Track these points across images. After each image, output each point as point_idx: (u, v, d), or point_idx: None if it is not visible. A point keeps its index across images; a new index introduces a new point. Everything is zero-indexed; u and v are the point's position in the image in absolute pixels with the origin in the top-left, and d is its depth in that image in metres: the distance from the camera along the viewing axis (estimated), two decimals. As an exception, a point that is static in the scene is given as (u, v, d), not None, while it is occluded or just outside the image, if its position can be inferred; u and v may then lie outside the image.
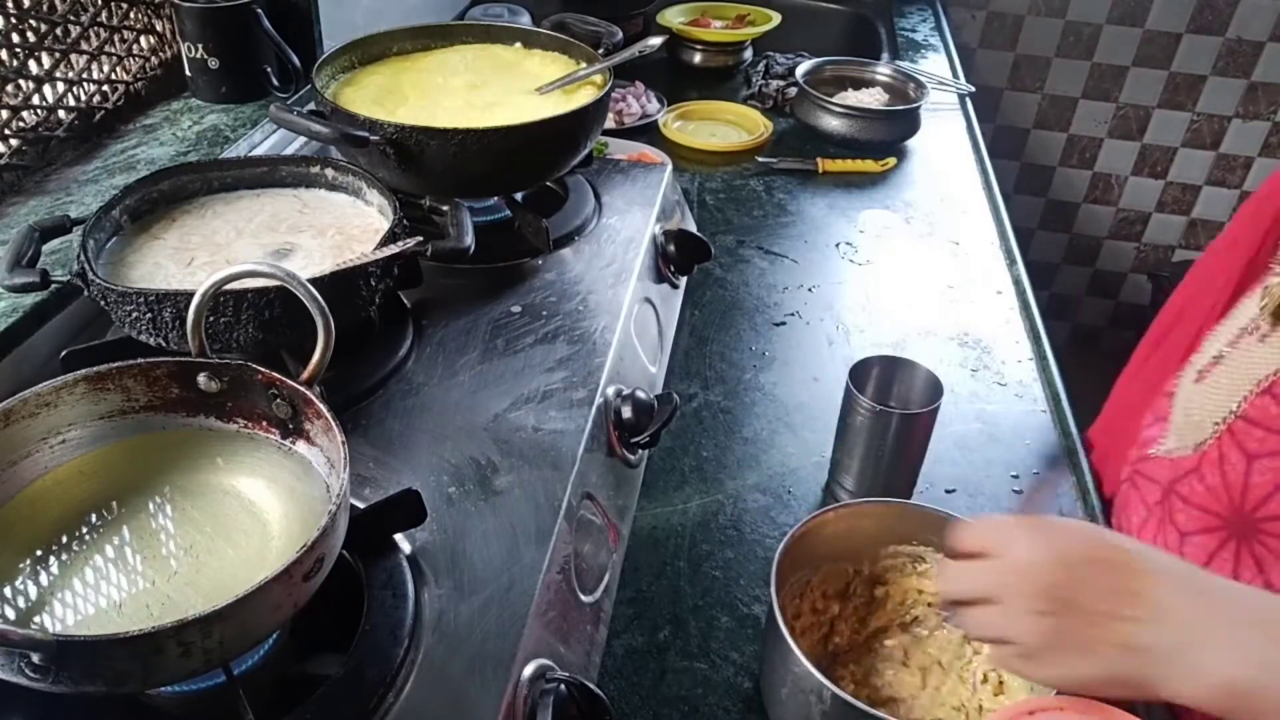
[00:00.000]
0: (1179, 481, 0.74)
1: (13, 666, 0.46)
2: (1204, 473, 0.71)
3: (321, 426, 0.60)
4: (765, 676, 0.68)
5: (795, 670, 0.61)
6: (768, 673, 0.67)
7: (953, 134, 1.57)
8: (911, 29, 1.95)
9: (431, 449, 0.73)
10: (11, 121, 0.98)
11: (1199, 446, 0.73)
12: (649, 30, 1.76)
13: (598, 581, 0.73)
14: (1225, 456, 0.70)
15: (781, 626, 0.62)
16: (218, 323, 0.69)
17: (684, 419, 0.95)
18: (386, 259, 0.75)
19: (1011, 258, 1.24)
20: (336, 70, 1.01)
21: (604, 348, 0.84)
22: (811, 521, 0.69)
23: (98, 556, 0.57)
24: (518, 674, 0.58)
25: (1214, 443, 0.71)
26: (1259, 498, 0.67)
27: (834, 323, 1.11)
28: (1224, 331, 0.77)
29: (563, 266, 0.95)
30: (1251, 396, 0.69)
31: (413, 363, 0.82)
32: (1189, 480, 0.73)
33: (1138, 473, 0.82)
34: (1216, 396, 0.73)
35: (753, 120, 1.53)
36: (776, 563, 0.66)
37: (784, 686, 0.63)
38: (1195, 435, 0.74)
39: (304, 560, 0.50)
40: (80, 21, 1.06)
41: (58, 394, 0.60)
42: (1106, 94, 2.23)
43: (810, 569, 0.72)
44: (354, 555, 0.62)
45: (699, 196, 1.35)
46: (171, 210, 0.84)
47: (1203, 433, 0.73)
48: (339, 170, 0.88)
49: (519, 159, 0.91)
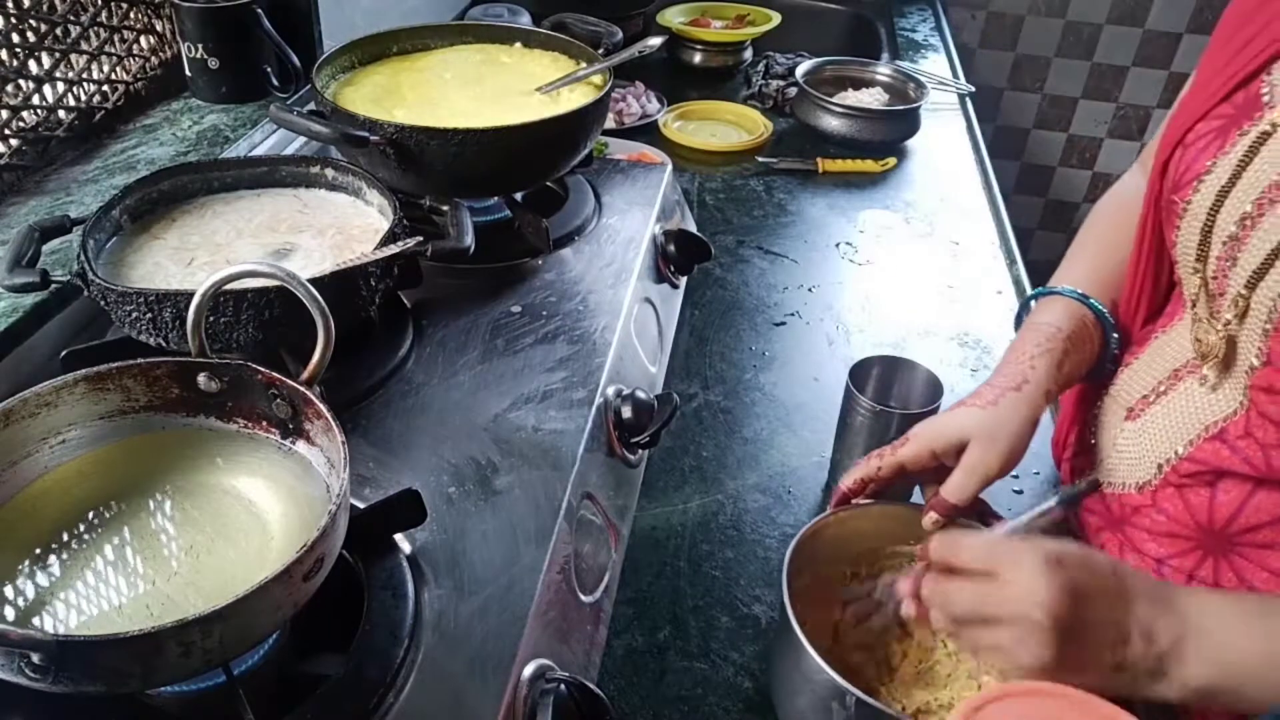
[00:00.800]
0: (1135, 515, 0.73)
1: (13, 666, 0.46)
2: (1162, 506, 0.71)
3: (321, 426, 0.60)
4: (779, 682, 0.68)
5: (816, 678, 0.61)
6: (781, 678, 0.67)
7: (953, 134, 1.56)
8: (911, 29, 1.95)
9: (431, 449, 0.73)
10: (11, 121, 0.98)
11: (1141, 487, 0.72)
12: (649, 30, 1.77)
13: (598, 581, 0.73)
14: (1182, 488, 0.69)
15: (797, 631, 0.61)
16: (218, 323, 0.69)
17: (684, 419, 0.95)
18: (386, 259, 0.75)
19: (1011, 258, 1.24)
20: (336, 70, 1.01)
21: (604, 348, 0.84)
22: (817, 524, 0.69)
23: (98, 556, 0.57)
24: (518, 674, 0.58)
25: (1160, 480, 0.71)
26: (1227, 515, 0.67)
27: (834, 323, 1.11)
28: (1147, 366, 0.75)
29: (563, 266, 0.95)
30: (1199, 441, 0.68)
31: (413, 363, 0.82)
32: (1147, 514, 0.72)
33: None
34: (1155, 437, 0.72)
35: (753, 120, 1.53)
36: (786, 567, 0.65)
37: (801, 694, 0.63)
38: (1133, 474, 0.73)
39: (304, 560, 0.50)
40: (80, 21, 1.06)
41: (58, 394, 0.60)
42: (1106, 94, 2.23)
43: (810, 573, 0.72)
44: (354, 555, 0.62)
45: (699, 196, 1.35)
46: (171, 210, 0.84)
47: (1144, 472, 0.72)
48: (339, 170, 0.88)
49: (519, 159, 0.91)
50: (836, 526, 0.71)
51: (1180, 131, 0.69)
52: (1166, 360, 0.73)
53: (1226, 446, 0.66)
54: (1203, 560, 0.69)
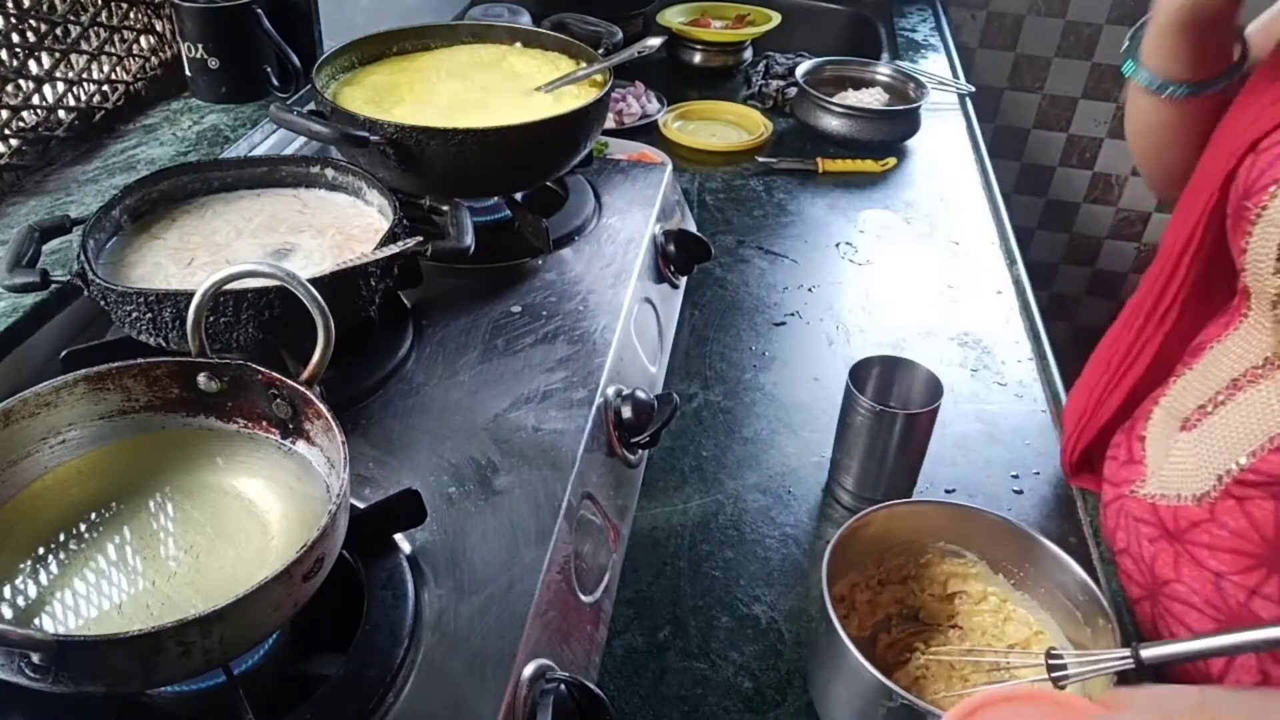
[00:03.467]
0: (1193, 530, 0.72)
1: (13, 666, 0.46)
2: (1223, 520, 0.69)
3: (321, 426, 0.60)
4: (821, 685, 0.68)
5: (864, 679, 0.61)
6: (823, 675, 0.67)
7: (953, 134, 1.57)
8: (911, 29, 1.95)
9: (431, 449, 0.73)
10: (11, 121, 0.98)
11: (1200, 499, 0.71)
12: (649, 30, 1.76)
13: (598, 581, 0.73)
14: (1244, 500, 0.68)
15: (840, 631, 0.62)
16: (218, 323, 0.69)
17: (684, 419, 0.95)
18: (386, 259, 0.75)
19: (1011, 258, 1.24)
20: (336, 70, 1.01)
21: (604, 348, 0.84)
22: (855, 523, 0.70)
23: (98, 556, 0.57)
24: (518, 674, 0.58)
25: (1221, 491, 0.69)
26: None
27: (834, 323, 1.11)
28: (1202, 377, 0.74)
29: (563, 266, 0.95)
30: (1263, 452, 0.66)
31: (413, 363, 0.82)
32: (1207, 528, 0.71)
33: (1125, 511, 0.80)
34: (1214, 447, 0.70)
35: (753, 120, 1.53)
36: (826, 568, 0.66)
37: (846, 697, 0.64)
38: (1191, 486, 0.72)
39: (304, 560, 0.50)
40: (80, 21, 1.06)
41: (58, 394, 0.60)
42: (1106, 94, 2.23)
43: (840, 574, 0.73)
44: (354, 555, 0.62)
45: (699, 196, 1.35)
46: (171, 210, 0.84)
47: (1202, 484, 0.71)
48: (339, 170, 0.88)
49: (519, 159, 0.91)
50: (867, 528, 0.72)
51: (1249, 140, 0.68)
52: (1224, 370, 0.72)
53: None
54: (1267, 577, 0.68)
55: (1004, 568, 0.73)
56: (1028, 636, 0.72)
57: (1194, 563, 0.72)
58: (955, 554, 0.75)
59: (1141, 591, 0.78)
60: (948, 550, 0.75)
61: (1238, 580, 0.69)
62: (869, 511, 0.71)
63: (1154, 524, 0.76)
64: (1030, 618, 0.72)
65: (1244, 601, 0.69)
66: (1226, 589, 0.70)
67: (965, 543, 0.74)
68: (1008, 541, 0.72)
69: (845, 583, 0.73)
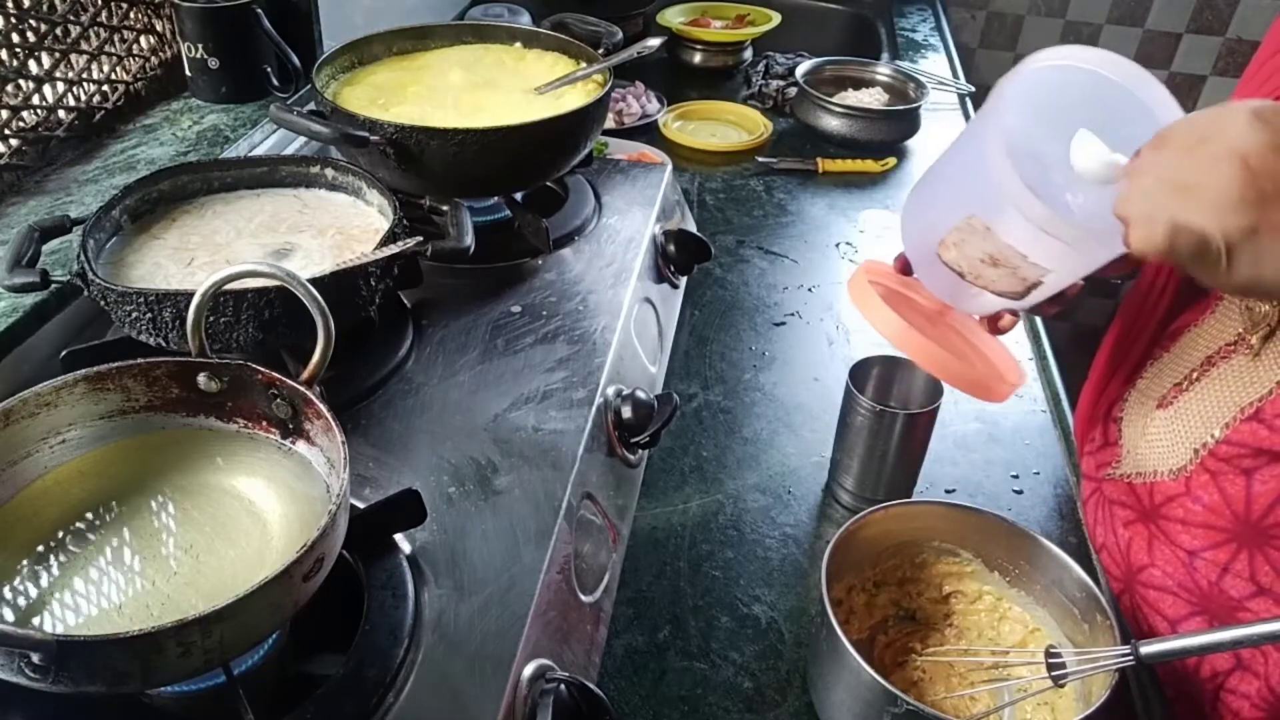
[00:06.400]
0: (1168, 505, 0.74)
1: (13, 666, 0.46)
2: (1197, 494, 0.71)
3: (321, 426, 0.60)
4: (823, 689, 0.68)
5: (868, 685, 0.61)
6: (826, 685, 0.67)
7: (953, 134, 1.55)
8: (911, 29, 1.95)
9: (431, 449, 0.73)
10: (11, 121, 0.98)
11: (1177, 473, 0.73)
12: (649, 30, 1.76)
13: (598, 581, 0.73)
14: (1218, 475, 0.70)
15: (841, 638, 0.62)
16: (218, 323, 0.69)
17: (684, 419, 0.95)
18: (386, 259, 0.75)
19: (1011, 258, 1.23)
20: (336, 70, 1.01)
21: (604, 348, 0.84)
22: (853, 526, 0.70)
23: (98, 556, 0.57)
24: (518, 674, 0.58)
25: (1198, 465, 0.71)
26: (1265, 506, 0.67)
27: (834, 323, 1.11)
28: (1177, 358, 0.76)
29: (563, 266, 0.95)
30: (1235, 423, 0.68)
31: (413, 363, 0.82)
32: (1181, 502, 0.72)
33: (1102, 500, 0.82)
34: (1190, 422, 0.72)
35: (753, 120, 1.53)
36: (825, 572, 0.66)
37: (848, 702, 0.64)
38: (1168, 461, 0.74)
39: (304, 560, 0.50)
40: (80, 21, 1.06)
41: (58, 394, 0.60)
42: (1106, 94, 2.23)
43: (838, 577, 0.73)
44: (354, 555, 0.62)
45: (699, 196, 1.35)
46: (171, 210, 0.84)
47: (1179, 458, 0.73)
48: (339, 170, 0.88)
49: (519, 159, 0.91)
50: (864, 529, 0.72)
51: None
52: (1199, 350, 0.74)
53: (1264, 426, 0.66)
54: (1237, 553, 0.70)
55: (1000, 566, 0.73)
56: (1024, 634, 0.72)
57: (1167, 542, 0.74)
58: (950, 553, 0.75)
59: (1119, 585, 0.79)
60: (943, 550, 0.75)
61: (1209, 557, 0.71)
62: (867, 513, 0.71)
63: (1130, 505, 0.77)
64: (1027, 615, 0.72)
65: (1215, 580, 0.71)
66: (1199, 568, 0.72)
67: (962, 542, 0.74)
68: (1005, 541, 0.72)
69: (842, 586, 0.73)
